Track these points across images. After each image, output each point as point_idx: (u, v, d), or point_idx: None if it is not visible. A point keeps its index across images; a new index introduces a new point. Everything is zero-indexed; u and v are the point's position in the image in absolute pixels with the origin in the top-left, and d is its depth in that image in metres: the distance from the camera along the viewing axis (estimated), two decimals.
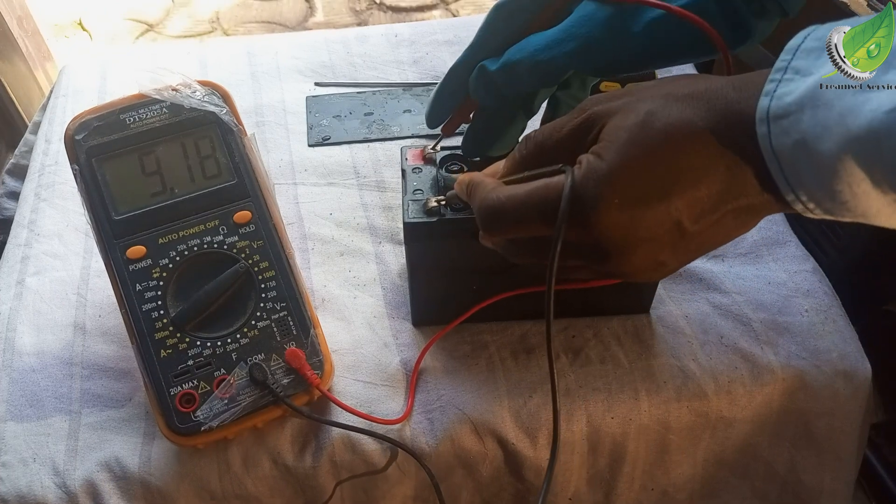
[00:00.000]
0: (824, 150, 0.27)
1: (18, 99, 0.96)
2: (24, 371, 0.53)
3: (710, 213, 0.31)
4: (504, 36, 0.45)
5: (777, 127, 0.28)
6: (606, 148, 0.32)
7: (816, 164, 0.27)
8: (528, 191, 0.35)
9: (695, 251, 0.34)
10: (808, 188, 0.28)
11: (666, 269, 0.34)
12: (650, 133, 0.31)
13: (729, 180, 0.31)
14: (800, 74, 0.28)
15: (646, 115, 0.32)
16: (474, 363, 0.52)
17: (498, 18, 0.45)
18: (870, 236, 0.73)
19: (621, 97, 0.34)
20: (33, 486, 0.47)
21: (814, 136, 0.27)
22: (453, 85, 0.48)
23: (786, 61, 0.29)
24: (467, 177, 0.41)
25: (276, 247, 0.49)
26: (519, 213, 0.35)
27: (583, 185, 0.32)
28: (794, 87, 0.28)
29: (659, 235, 0.32)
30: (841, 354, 0.52)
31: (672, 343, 0.52)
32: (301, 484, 0.49)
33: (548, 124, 0.37)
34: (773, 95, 0.28)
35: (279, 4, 1.82)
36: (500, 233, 0.37)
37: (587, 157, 0.33)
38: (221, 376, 0.46)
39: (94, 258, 0.59)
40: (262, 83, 0.76)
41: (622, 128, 0.32)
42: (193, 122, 0.50)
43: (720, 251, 0.58)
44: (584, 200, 0.32)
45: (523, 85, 0.44)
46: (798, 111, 0.28)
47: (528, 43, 0.43)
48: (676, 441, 0.51)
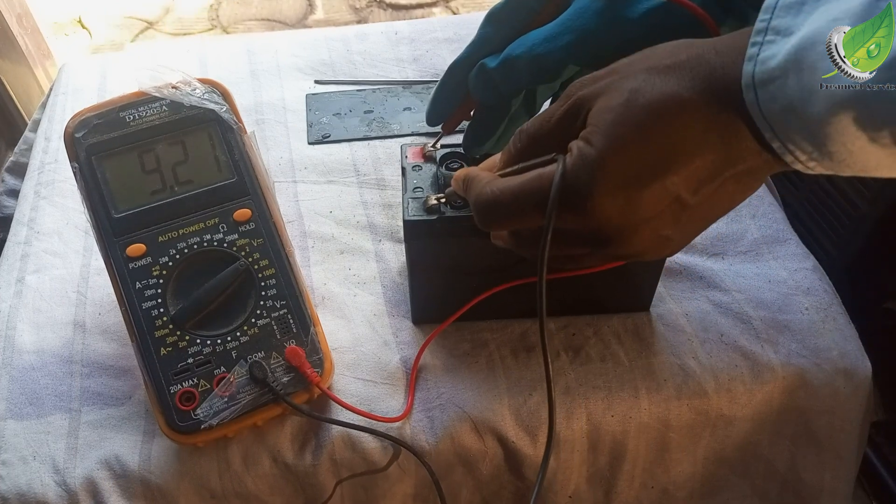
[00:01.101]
0: (813, 114, 0.27)
1: (18, 97, 0.96)
2: (24, 369, 0.53)
3: (708, 182, 0.31)
4: (504, 33, 0.45)
5: (765, 93, 0.28)
6: (594, 132, 0.32)
7: (808, 126, 0.27)
8: (522, 182, 0.34)
9: (700, 221, 0.33)
10: (804, 149, 0.28)
11: (673, 243, 0.34)
12: (635, 111, 0.31)
13: (724, 148, 0.30)
14: (780, 35, 0.28)
15: (629, 93, 0.31)
16: (474, 361, 0.52)
17: (498, 16, 0.45)
18: (870, 234, 0.73)
19: (605, 77, 0.34)
20: (33, 484, 0.47)
21: (801, 99, 0.27)
22: (453, 83, 0.48)
23: (765, 21, 0.28)
24: (463, 172, 0.41)
25: (275, 245, 0.49)
26: (514, 206, 0.35)
27: (575, 173, 0.32)
28: (776, 50, 0.28)
29: (659, 213, 0.32)
30: (841, 352, 0.52)
31: (672, 341, 0.52)
32: (301, 482, 0.49)
33: (538, 115, 0.37)
34: (756, 60, 0.28)
35: (279, 2, 1.81)
36: (497, 226, 0.37)
37: (577, 144, 0.33)
38: (221, 374, 0.46)
39: (94, 256, 0.59)
40: (262, 81, 0.76)
41: (607, 109, 0.32)
42: (193, 120, 0.50)
43: (720, 249, 0.58)
44: (578, 188, 0.32)
45: (522, 81, 0.44)
46: (783, 76, 0.27)
47: (527, 39, 0.43)
48: (676, 439, 0.51)
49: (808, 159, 0.29)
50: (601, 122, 0.32)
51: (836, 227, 0.76)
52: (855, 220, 0.73)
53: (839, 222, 0.75)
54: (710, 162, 0.30)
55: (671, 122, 0.30)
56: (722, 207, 0.33)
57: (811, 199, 0.78)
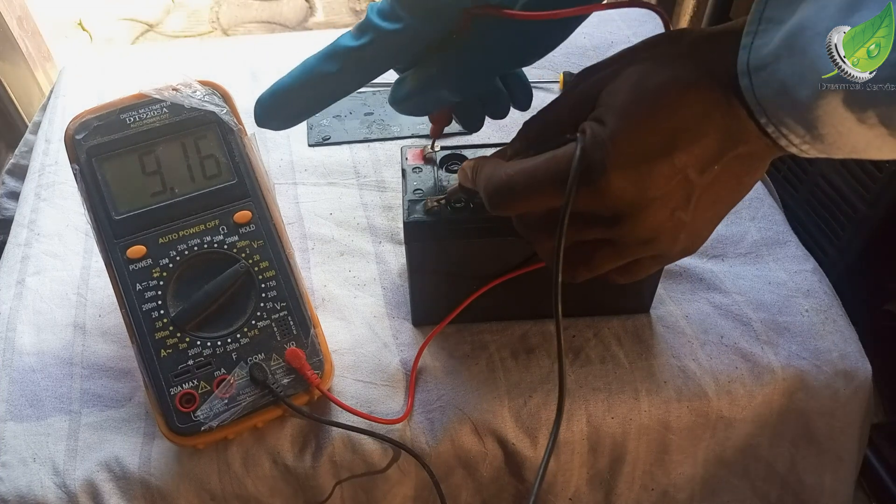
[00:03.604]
0: (803, 97, 0.28)
1: (18, 99, 0.96)
2: (24, 371, 0.53)
3: (714, 162, 0.32)
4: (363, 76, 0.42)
5: (758, 78, 0.29)
6: (606, 112, 0.33)
7: (799, 109, 0.28)
8: (537, 163, 0.35)
9: (710, 206, 0.34)
10: (796, 132, 0.29)
11: (686, 227, 0.34)
12: (645, 92, 0.32)
13: (727, 129, 0.31)
14: (773, 23, 0.29)
15: (639, 76, 0.33)
16: (474, 363, 0.52)
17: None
18: (870, 236, 0.73)
19: (610, 65, 0.35)
20: (33, 485, 0.47)
21: (792, 83, 0.28)
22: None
23: (759, 11, 0.30)
24: (471, 162, 0.41)
25: (276, 247, 0.49)
26: (529, 185, 0.35)
27: (589, 151, 0.33)
28: (768, 39, 0.29)
29: (669, 191, 0.32)
30: (841, 354, 0.52)
31: (672, 343, 0.52)
32: (301, 484, 0.49)
33: (545, 107, 0.38)
34: (750, 48, 0.29)
35: (279, 4, 1.81)
36: (509, 208, 0.37)
37: (589, 125, 0.34)
38: (221, 376, 0.46)
39: (94, 258, 0.59)
40: (263, 83, 0.75)
41: (618, 91, 0.33)
42: (194, 122, 0.50)
43: (720, 251, 0.58)
44: (592, 165, 0.32)
45: (441, 102, 0.42)
46: (775, 61, 0.29)
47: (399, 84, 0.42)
48: (677, 441, 0.51)
49: (801, 142, 0.30)
50: (612, 102, 0.33)
51: (835, 229, 0.76)
52: (855, 222, 0.73)
53: (839, 224, 0.75)
54: (715, 142, 0.32)
55: (678, 101, 0.32)
56: (730, 190, 0.34)
57: (811, 201, 0.78)
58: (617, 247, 0.35)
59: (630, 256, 0.36)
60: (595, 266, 0.37)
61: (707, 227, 0.36)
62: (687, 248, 0.36)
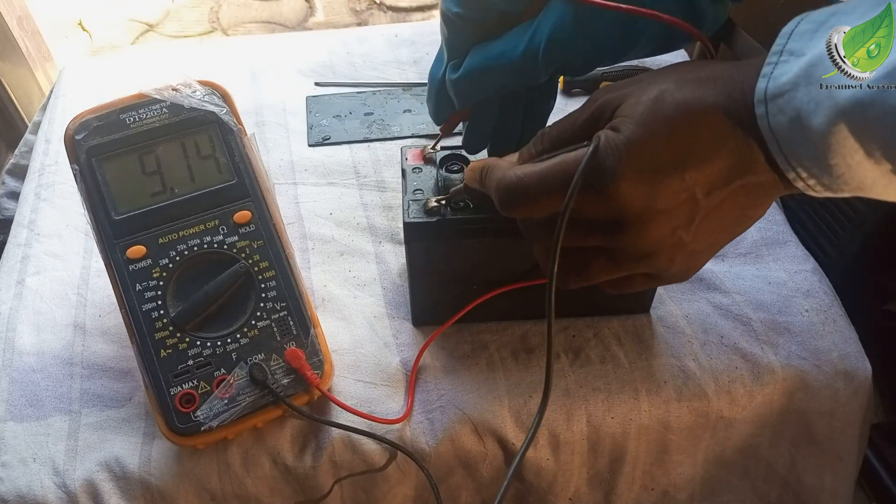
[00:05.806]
0: (817, 125, 0.28)
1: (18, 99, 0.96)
2: (24, 371, 0.53)
3: (721, 186, 0.32)
4: (465, 39, 0.43)
5: (774, 106, 0.30)
6: (623, 122, 0.33)
7: (811, 138, 0.28)
8: (548, 165, 0.35)
9: (711, 233, 0.34)
10: (805, 164, 0.30)
11: (685, 248, 0.34)
12: (665, 107, 0.32)
13: (738, 156, 0.32)
14: (794, 55, 0.29)
15: (660, 92, 0.33)
16: (474, 363, 0.52)
17: (454, 22, 0.43)
18: (870, 236, 0.73)
19: (632, 84, 0.35)
20: (33, 485, 0.47)
21: (807, 111, 0.28)
22: (434, 91, 0.47)
23: (781, 45, 0.30)
24: (480, 162, 0.41)
25: (276, 247, 0.49)
26: (539, 187, 0.35)
27: (601, 156, 0.33)
28: (789, 68, 0.29)
29: (675, 207, 0.33)
30: (841, 354, 0.52)
31: (672, 343, 0.52)
32: (301, 484, 0.49)
33: (560, 119, 0.38)
34: (769, 77, 0.30)
35: (279, 4, 1.81)
36: (519, 209, 0.37)
37: (604, 132, 0.34)
38: (221, 376, 0.46)
39: (94, 258, 0.59)
40: (262, 83, 0.76)
41: (638, 103, 0.33)
42: (193, 122, 0.50)
43: (721, 251, 0.58)
44: (603, 170, 0.33)
45: (488, 90, 0.43)
46: (793, 89, 0.29)
47: (486, 50, 0.42)
48: (677, 441, 0.51)
49: (808, 176, 0.30)
50: (631, 112, 0.33)
51: (835, 229, 0.76)
52: (855, 223, 0.73)
53: (839, 224, 0.75)
54: (725, 166, 0.32)
55: (696, 120, 0.32)
56: (733, 219, 0.34)
57: (811, 201, 0.78)
58: (613, 259, 0.36)
59: (625, 271, 0.36)
60: (588, 276, 0.37)
61: (704, 253, 0.36)
62: (681, 272, 0.36)
